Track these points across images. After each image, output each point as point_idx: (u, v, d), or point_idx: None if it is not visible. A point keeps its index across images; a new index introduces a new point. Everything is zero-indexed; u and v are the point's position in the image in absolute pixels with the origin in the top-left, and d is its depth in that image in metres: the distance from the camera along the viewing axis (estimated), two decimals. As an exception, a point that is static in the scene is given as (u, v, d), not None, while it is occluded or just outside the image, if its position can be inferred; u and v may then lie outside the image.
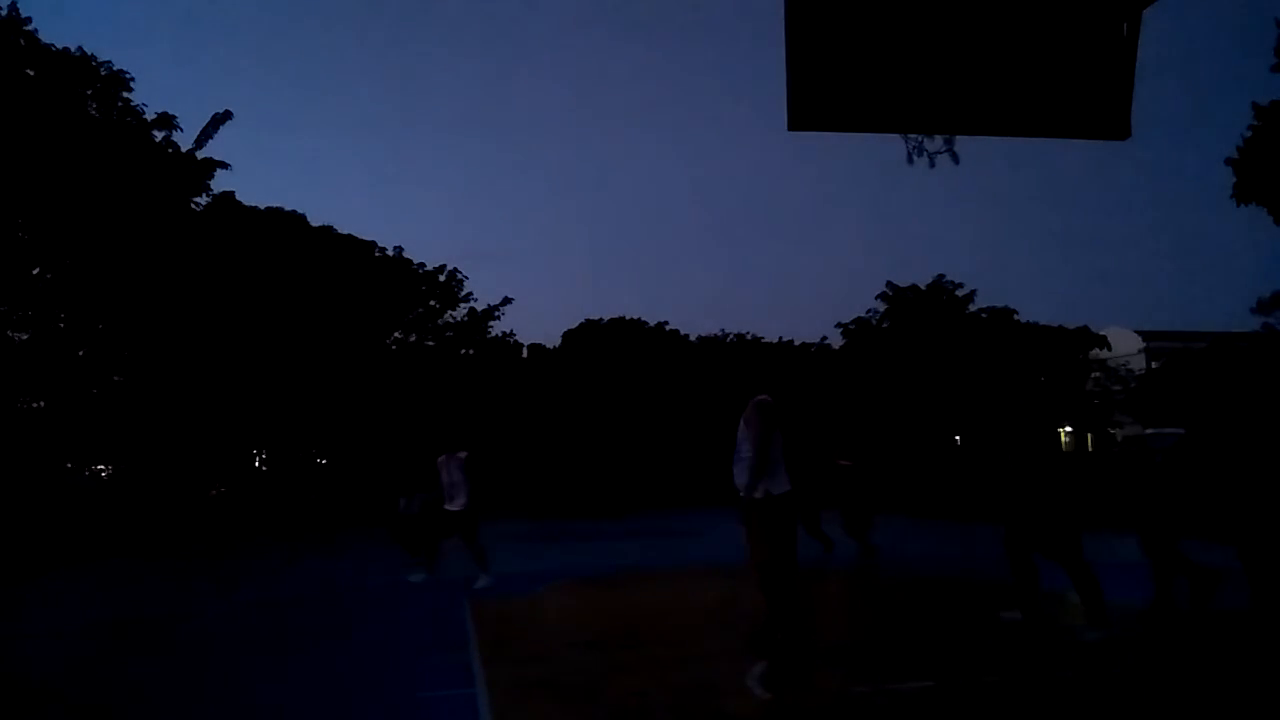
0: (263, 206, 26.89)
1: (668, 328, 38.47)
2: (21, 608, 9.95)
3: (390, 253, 30.86)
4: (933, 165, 3.73)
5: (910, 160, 3.71)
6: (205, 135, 21.27)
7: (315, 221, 28.39)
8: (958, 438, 34.88)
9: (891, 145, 3.78)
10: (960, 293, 34.65)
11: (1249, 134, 17.28)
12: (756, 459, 5.44)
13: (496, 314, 33.29)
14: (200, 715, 5.12)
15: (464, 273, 32.35)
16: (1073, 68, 3.63)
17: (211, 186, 22.16)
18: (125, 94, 20.30)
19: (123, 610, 9.25)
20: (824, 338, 38.67)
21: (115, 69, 20.10)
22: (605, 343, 36.31)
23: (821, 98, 3.54)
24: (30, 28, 18.95)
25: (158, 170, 20.40)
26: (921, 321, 33.47)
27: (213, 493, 25.19)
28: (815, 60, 3.51)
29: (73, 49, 19.61)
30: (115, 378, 22.31)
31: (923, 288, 34.68)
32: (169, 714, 5.15)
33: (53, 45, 19.32)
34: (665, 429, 31.43)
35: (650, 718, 4.76)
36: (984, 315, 34.69)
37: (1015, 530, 6.77)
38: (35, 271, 20.33)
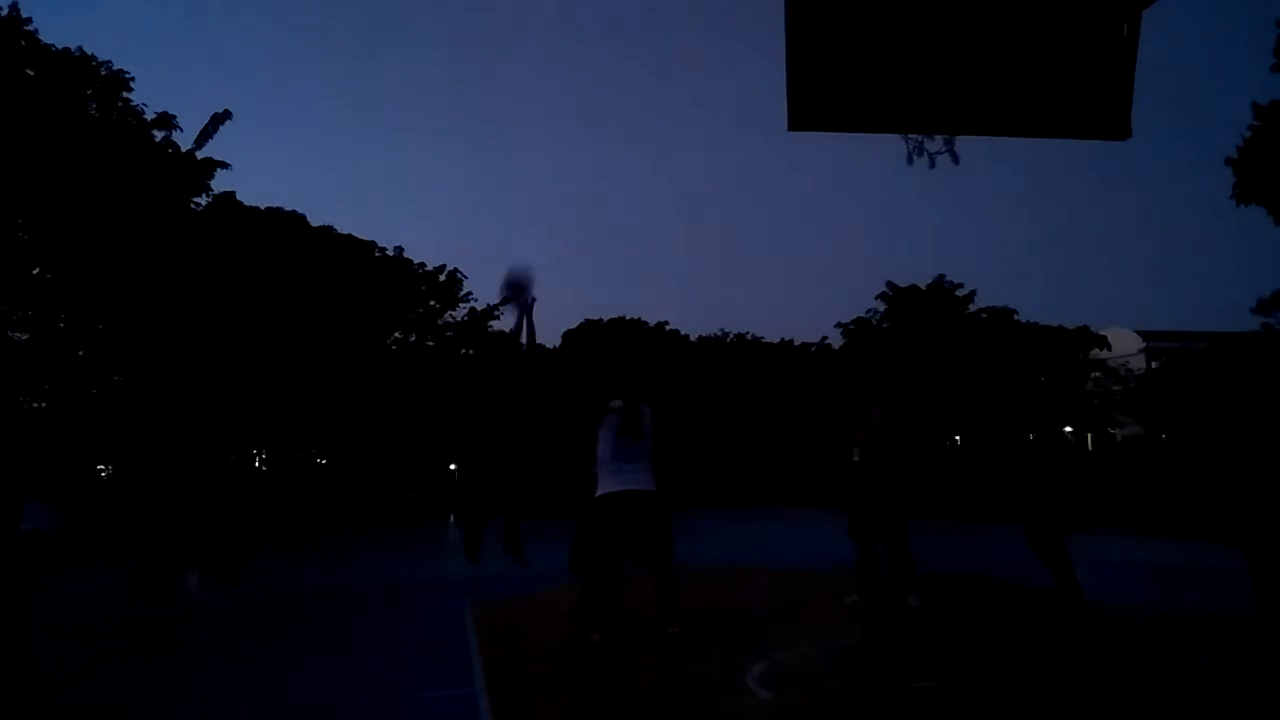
0: (263, 206, 26.89)
1: (668, 328, 38.49)
2: (22, 607, 9.94)
3: (390, 253, 30.86)
4: (933, 165, 3.73)
5: (910, 161, 3.71)
6: (205, 135, 21.27)
7: (315, 221, 28.40)
8: (957, 437, 34.89)
9: (891, 145, 3.78)
10: (960, 293, 34.64)
11: (1249, 134, 17.27)
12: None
13: (496, 314, 33.30)
14: (199, 715, 5.12)
15: (464, 273, 32.39)
16: (1073, 68, 3.62)
17: (212, 186, 22.18)
18: (125, 94, 20.31)
19: (122, 610, 9.24)
20: (824, 338, 38.69)
21: (115, 69, 20.12)
22: (605, 343, 36.32)
23: (821, 98, 3.54)
24: (30, 28, 18.97)
25: (158, 170, 20.39)
26: (921, 321, 33.45)
27: (213, 493, 25.17)
28: (815, 60, 3.51)
29: (73, 49, 19.63)
30: (115, 378, 22.30)
31: (923, 288, 34.66)
32: (168, 714, 5.15)
33: (53, 45, 19.33)
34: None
35: (650, 718, 4.75)
36: (984, 315, 34.67)
37: (857, 517, 7.51)
38: (35, 271, 20.33)
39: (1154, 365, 38.37)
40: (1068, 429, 40.21)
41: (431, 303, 32.43)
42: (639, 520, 5.80)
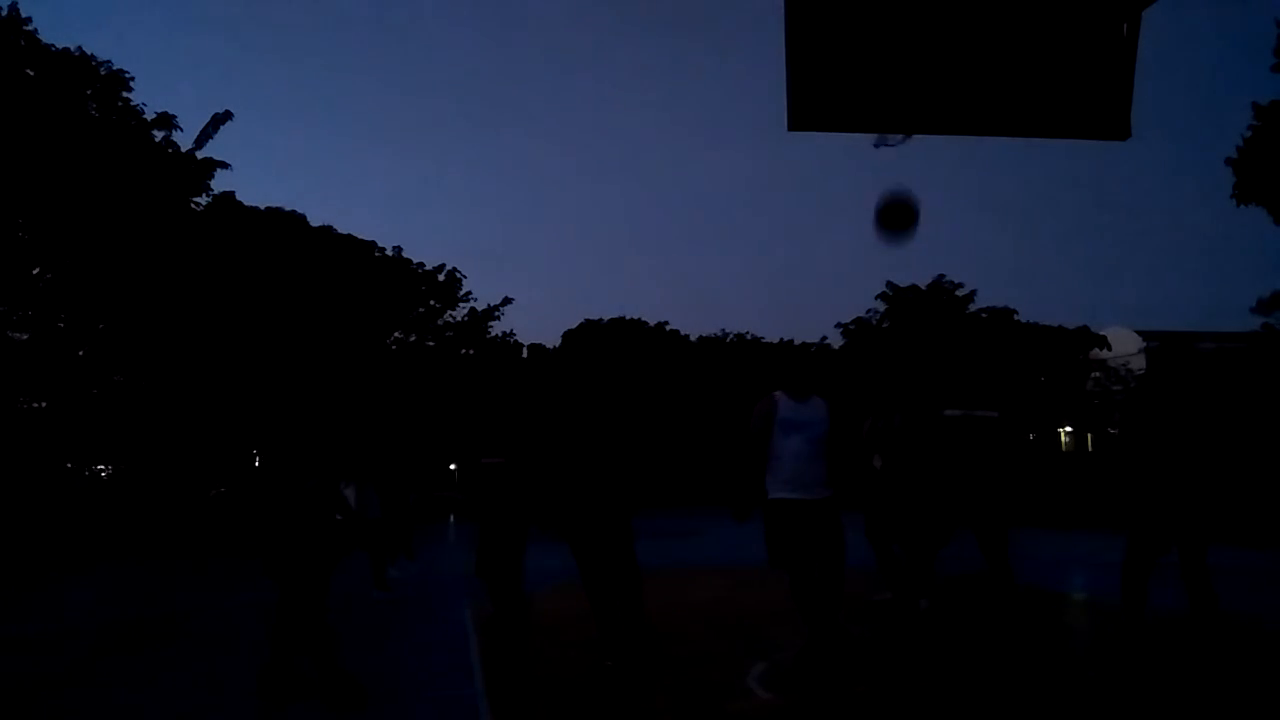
0: (263, 206, 26.89)
1: (668, 328, 38.50)
2: (22, 608, 9.95)
3: (390, 253, 30.86)
4: (903, 141, 3.74)
5: (876, 145, 3.73)
6: (205, 135, 21.26)
7: (315, 221, 28.40)
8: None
9: (891, 145, 3.79)
10: (960, 293, 34.64)
11: (1249, 134, 17.27)
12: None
13: (496, 314, 33.30)
14: (200, 713, 5.12)
15: (464, 273, 32.39)
16: (1073, 68, 3.63)
17: (212, 186, 22.17)
18: (125, 94, 20.30)
19: (123, 610, 9.24)
20: (824, 338, 38.67)
21: (115, 69, 20.11)
22: (605, 343, 36.33)
23: (821, 98, 3.54)
24: (30, 28, 18.97)
25: (158, 170, 20.38)
26: (921, 321, 33.45)
27: (212, 493, 25.18)
28: (815, 60, 3.51)
29: (73, 49, 19.62)
30: (115, 378, 22.29)
31: (923, 288, 34.66)
32: (168, 712, 5.15)
33: (53, 45, 19.32)
34: (665, 429, 31.48)
35: (650, 718, 4.76)
36: (984, 315, 34.67)
37: (873, 520, 7.47)
38: (35, 271, 20.32)
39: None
40: (1068, 429, 40.19)
41: (431, 302, 32.41)
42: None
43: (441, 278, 32.12)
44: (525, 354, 36.48)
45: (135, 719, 5.14)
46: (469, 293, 32.73)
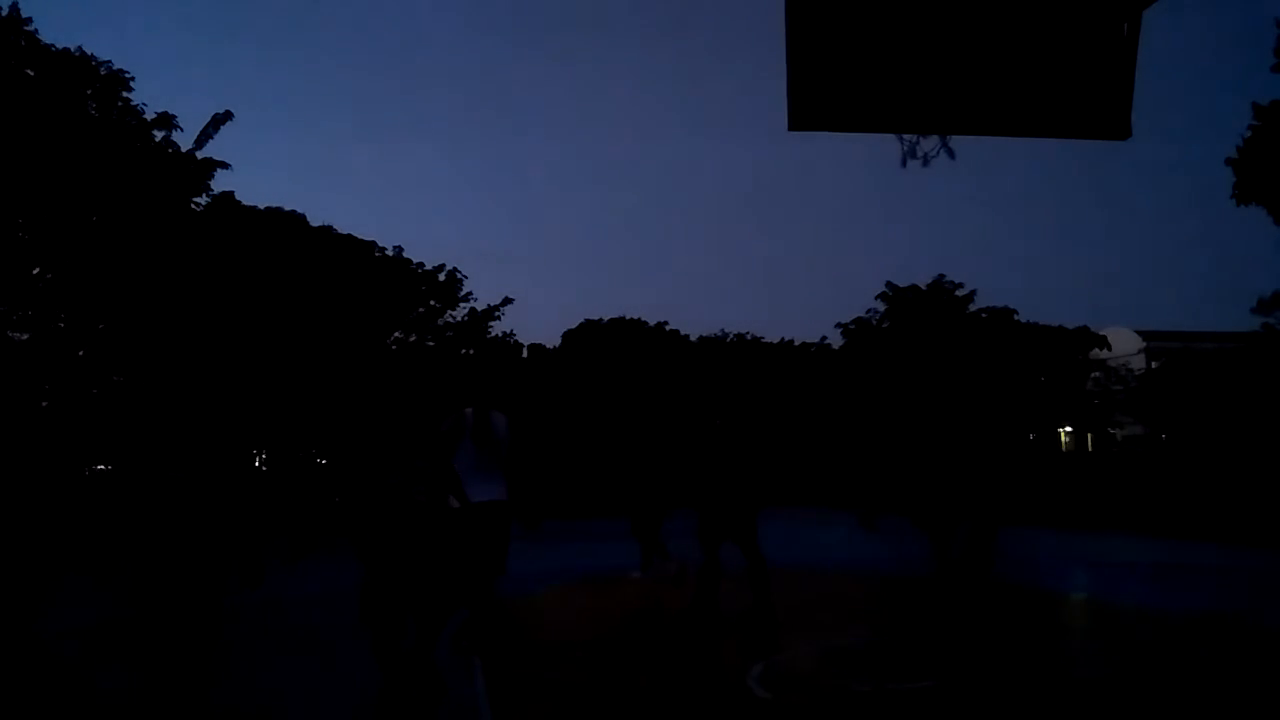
0: (263, 206, 26.87)
1: (668, 328, 38.47)
2: (22, 608, 9.92)
3: (390, 253, 30.85)
4: (926, 164, 3.72)
5: (904, 163, 3.71)
6: (205, 135, 21.20)
7: (315, 221, 28.38)
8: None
9: (890, 145, 3.78)
10: (960, 293, 34.63)
11: (1249, 134, 17.27)
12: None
13: (496, 314, 33.27)
14: (201, 715, 5.12)
15: (464, 273, 32.38)
16: (1073, 68, 3.62)
17: (212, 186, 22.14)
18: (125, 94, 20.29)
19: (123, 609, 9.23)
20: (824, 338, 38.66)
21: (115, 69, 20.10)
22: (605, 343, 36.31)
23: (821, 98, 3.54)
24: (30, 28, 18.97)
25: (158, 170, 20.36)
26: (921, 321, 33.45)
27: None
28: (815, 60, 3.51)
29: (73, 49, 19.61)
30: (115, 378, 22.29)
31: (923, 288, 34.65)
32: (171, 713, 5.15)
33: (53, 45, 19.31)
34: (665, 429, 31.48)
35: (650, 718, 4.76)
36: (984, 315, 34.66)
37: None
38: (35, 271, 20.31)
39: (1154, 365, 38.37)
40: (1068, 429, 40.17)
41: (431, 302, 32.38)
42: (487, 531, 5.65)
43: (441, 278, 32.09)
44: (525, 354, 36.47)
45: (135, 719, 5.14)
46: (469, 293, 32.70)
